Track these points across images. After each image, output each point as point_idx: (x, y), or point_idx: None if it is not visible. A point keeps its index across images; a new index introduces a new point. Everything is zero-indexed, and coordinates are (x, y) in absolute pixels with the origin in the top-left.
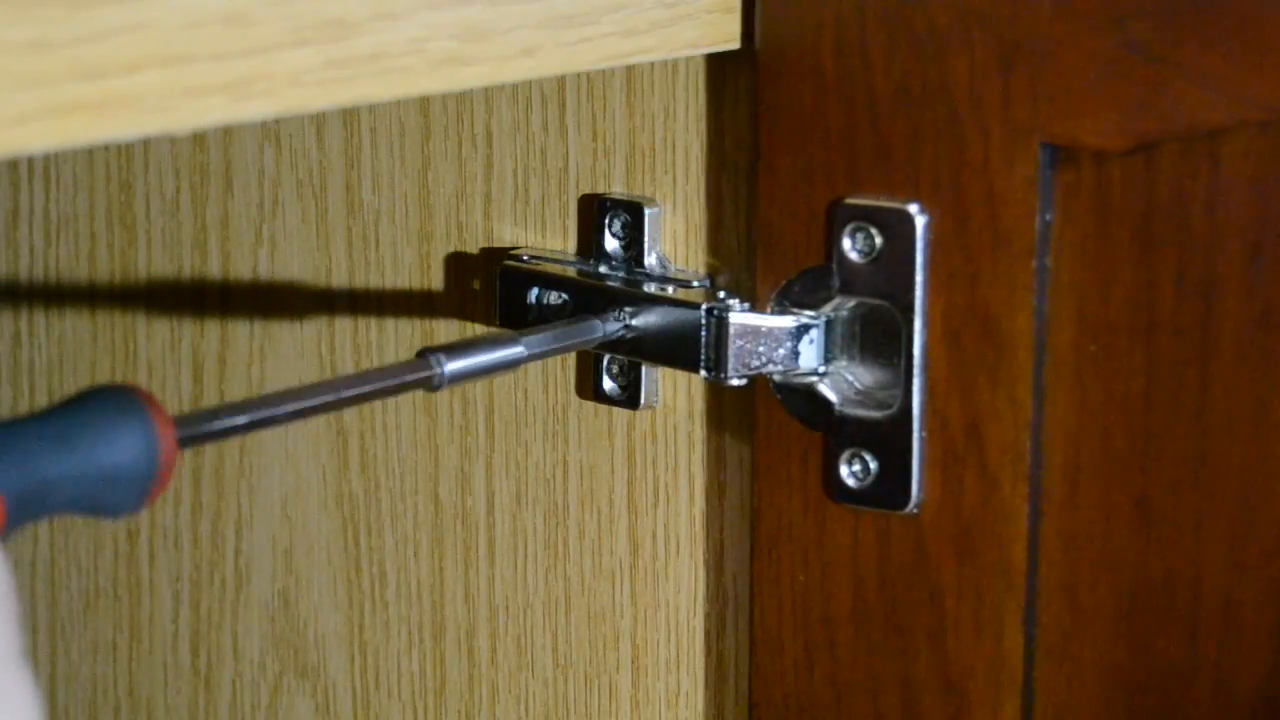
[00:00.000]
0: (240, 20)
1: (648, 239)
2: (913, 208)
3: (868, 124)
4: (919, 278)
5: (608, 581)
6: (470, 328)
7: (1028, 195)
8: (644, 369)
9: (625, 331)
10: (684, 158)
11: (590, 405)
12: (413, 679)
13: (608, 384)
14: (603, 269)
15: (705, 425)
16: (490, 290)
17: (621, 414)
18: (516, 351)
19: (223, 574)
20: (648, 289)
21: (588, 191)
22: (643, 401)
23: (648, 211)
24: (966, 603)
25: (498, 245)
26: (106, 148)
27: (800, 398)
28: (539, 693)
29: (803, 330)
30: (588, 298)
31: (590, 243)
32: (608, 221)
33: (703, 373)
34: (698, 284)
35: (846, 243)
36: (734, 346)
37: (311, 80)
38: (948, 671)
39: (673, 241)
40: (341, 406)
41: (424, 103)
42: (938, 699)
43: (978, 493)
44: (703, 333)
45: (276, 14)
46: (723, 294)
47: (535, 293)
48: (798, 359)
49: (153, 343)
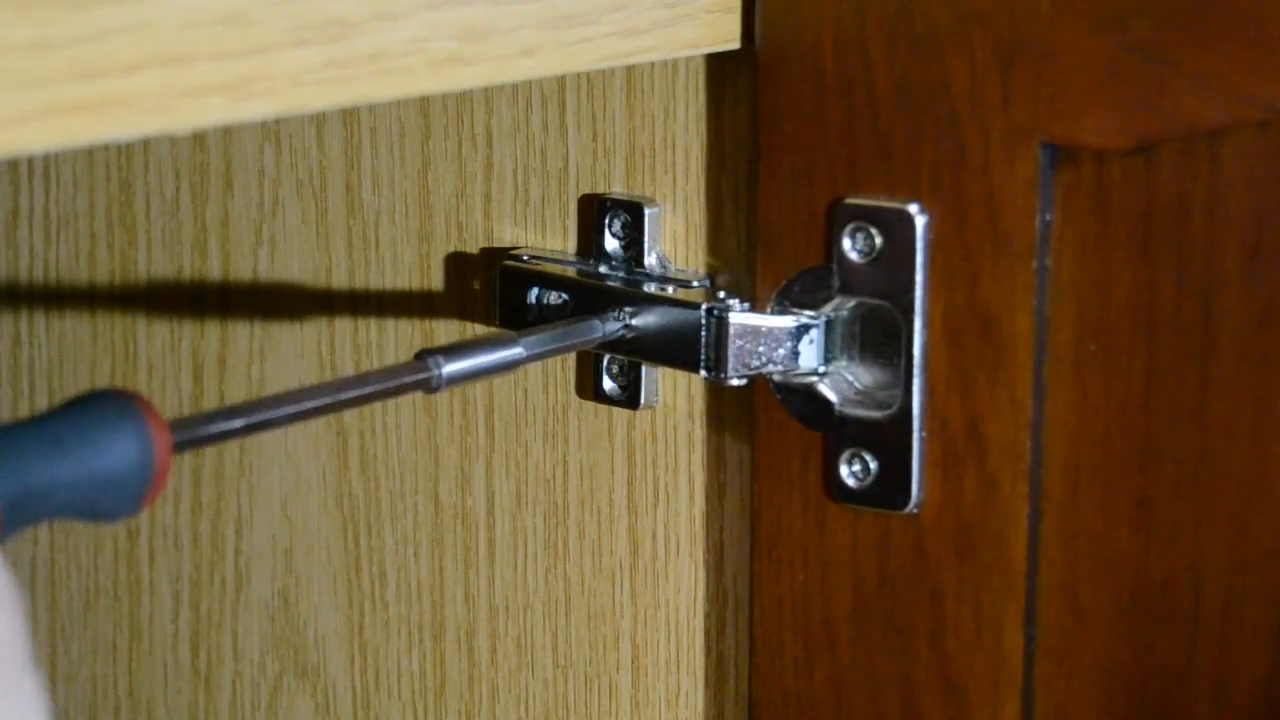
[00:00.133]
0: (240, 20)
1: (648, 239)
2: (913, 208)
3: (868, 124)
4: (919, 278)
5: (608, 581)
6: (470, 328)
7: (1028, 195)
8: (644, 369)
9: (625, 331)
10: (684, 158)
11: (590, 405)
12: (413, 679)
13: (608, 384)
14: (603, 269)
15: (705, 425)
16: (490, 290)
17: (621, 414)
18: (515, 353)
19: (223, 574)
20: (648, 289)
21: (588, 191)
22: (643, 401)
23: (648, 211)
24: (966, 603)
25: (498, 245)
26: (106, 148)
27: (800, 398)
28: (539, 693)
29: (803, 330)
30: (588, 298)
31: (590, 243)
32: (608, 221)
33: (703, 373)
34: (698, 284)
35: (846, 243)
36: (734, 346)
37: (311, 80)
38: (948, 671)
39: (673, 241)
40: (339, 409)
41: (424, 103)
42: (938, 699)
43: (978, 493)
44: (703, 333)
45: (276, 14)
46: (723, 294)
47: (535, 293)
48: (798, 359)
49: (153, 343)
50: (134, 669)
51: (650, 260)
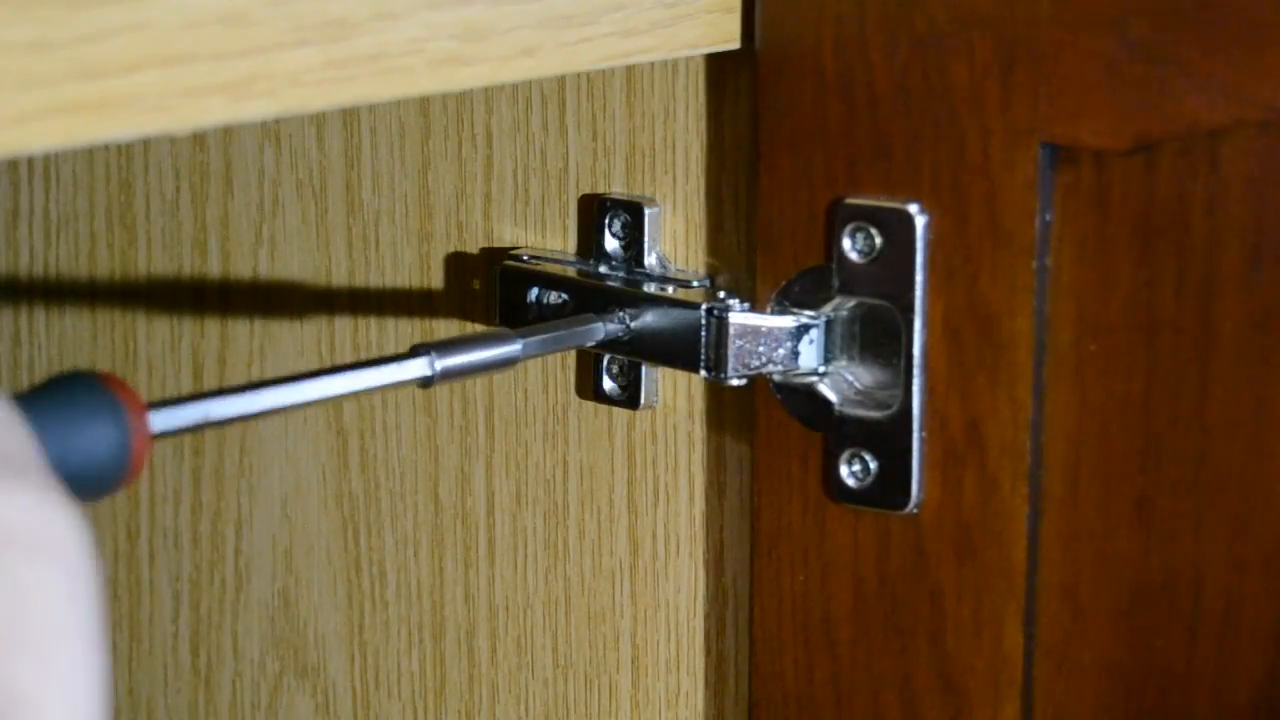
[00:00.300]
0: (240, 20)
1: (648, 239)
2: (913, 208)
3: (868, 124)
4: (919, 277)
5: (608, 581)
6: (470, 328)
7: (1028, 195)
8: (644, 369)
9: (625, 331)
10: (684, 158)
11: (590, 405)
12: (413, 679)
13: (608, 384)
14: (603, 269)
15: (705, 425)
16: (490, 290)
17: (621, 414)
18: (512, 349)
19: (223, 574)
20: (648, 289)
21: (588, 191)
22: (643, 401)
23: (648, 211)
24: (966, 603)
25: (498, 245)
26: (106, 148)
27: (800, 398)
28: (539, 693)
29: (803, 330)
30: (588, 298)
31: (590, 243)
32: (608, 221)
33: (703, 373)
34: (698, 284)
35: (846, 243)
36: (734, 346)
37: (311, 80)
38: (948, 671)
39: (673, 241)
40: (329, 401)
41: (424, 103)
42: (938, 699)
43: (978, 493)
44: (703, 333)
45: (276, 14)
46: (723, 294)
47: (535, 293)
48: (798, 359)
49: (153, 343)
50: (134, 669)
51: (650, 260)
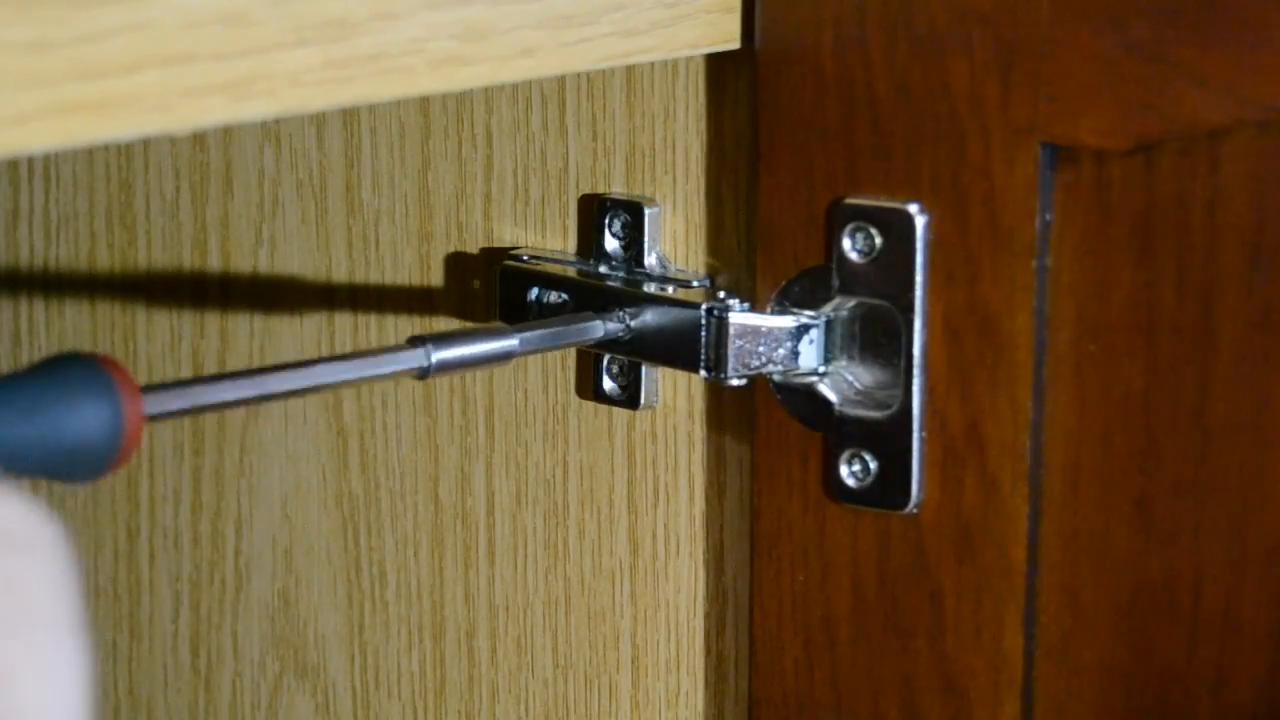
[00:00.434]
0: (240, 20)
1: (648, 239)
2: (913, 208)
3: (868, 124)
4: (919, 278)
5: (608, 581)
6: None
7: (1028, 195)
8: (644, 369)
9: (625, 331)
10: (684, 158)
11: (590, 405)
12: (413, 679)
13: (608, 384)
14: (603, 269)
15: (705, 425)
16: (490, 290)
17: (621, 414)
18: (509, 344)
19: (223, 574)
20: (648, 289)
21: (588, 191)
22: (643, 401)
23: (648, 211)
24: (966, 603)
25: (498, 245)
26: (106, 148)
27: (800, 398)
28: (539, 693)
29: (803, 330)
30: (588, 298)
31: (590, 243)
32: (608, 221)
33: (703, 373)
34: (698, 284)
35: (846, 243)
36: (734, 346)
37: (311, 80)
38: (948, 671)
39: (673, 241)
40: (325, 389)
41: (424, 103)
42: (938, 699)
43: (978, 493)
44: (703, 333)
45: (276, 14)
46: (723, 294)
47: (535, 293)
48: (798, 359)
49: (153, 343)
50: (134, 669)
51: (650, 260)
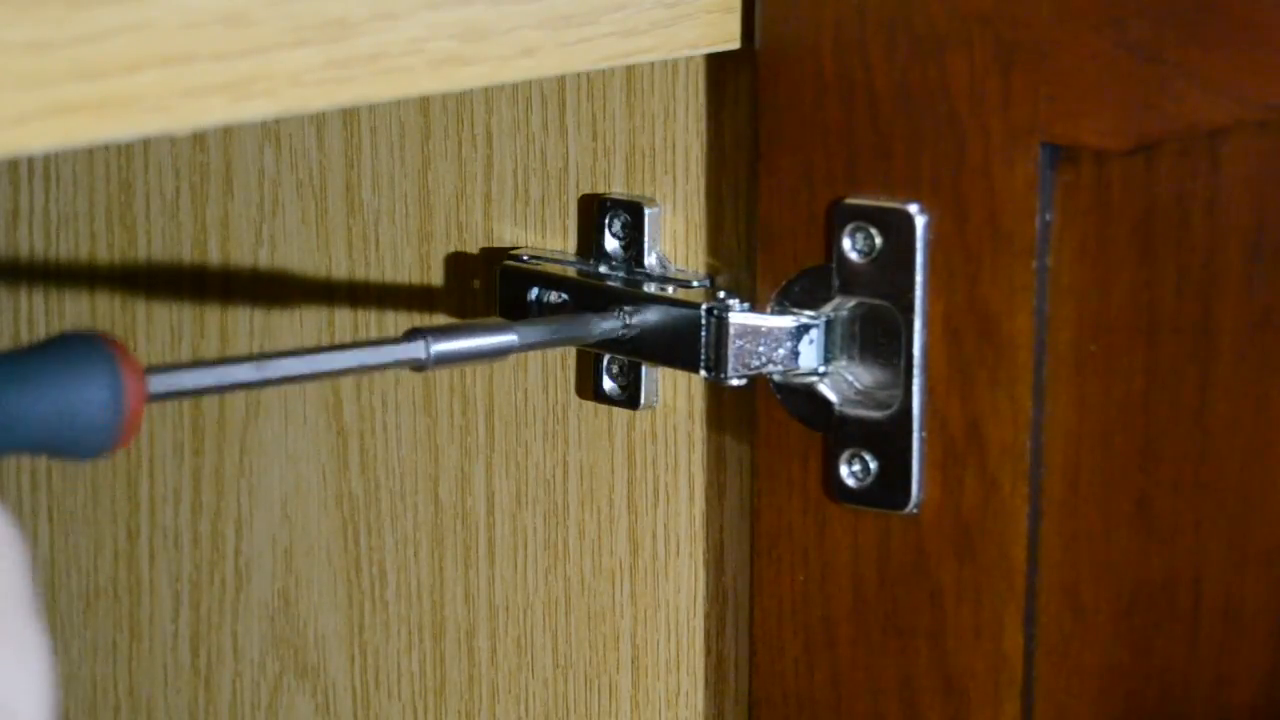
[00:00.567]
0: (240, 20)
1: (648, 239)
2: (913, 208)
3: (867, 124)
4: (919, 278)
5: (608, 581)
6: None
7: (1028, 195)
8: (644, 369)
9: (625, 331)
10: (684, 158)
11: (590, 405)
12: (413, 679)
13: (608, 384)
14: (603, 269)
15: (705, 425)
16: (490, 290)
17: (621, 414)
18: (508, 339)
19: (223, 574)
20: (648, 289)
21: (588, 191)
22: (643, 401)
23: (648, 211)
24: (966, 603)
25: (498, 245)
26: (106, 148)
27: (800, 398)
28: (539, 693)
29: (803, 330)
30: (588, 297)
31: (590, 243)
32: (608, 221)
33: (703, 373)
34: (698, 284)
35: (846, 243)
36: (734, 346)
37: (311, 80)
38: (948, 671)
39: (673, 241)
40: (323, 377)
41: (424, 103)
42: (938, 699)
43: (978, 493)
44: (703, 333)
45: (276, 14)
46: (723, 294)
47: (535, 292)
48: (798, 359)
49: (153, 343)
50: (134, 669)
51: (650, 260)
